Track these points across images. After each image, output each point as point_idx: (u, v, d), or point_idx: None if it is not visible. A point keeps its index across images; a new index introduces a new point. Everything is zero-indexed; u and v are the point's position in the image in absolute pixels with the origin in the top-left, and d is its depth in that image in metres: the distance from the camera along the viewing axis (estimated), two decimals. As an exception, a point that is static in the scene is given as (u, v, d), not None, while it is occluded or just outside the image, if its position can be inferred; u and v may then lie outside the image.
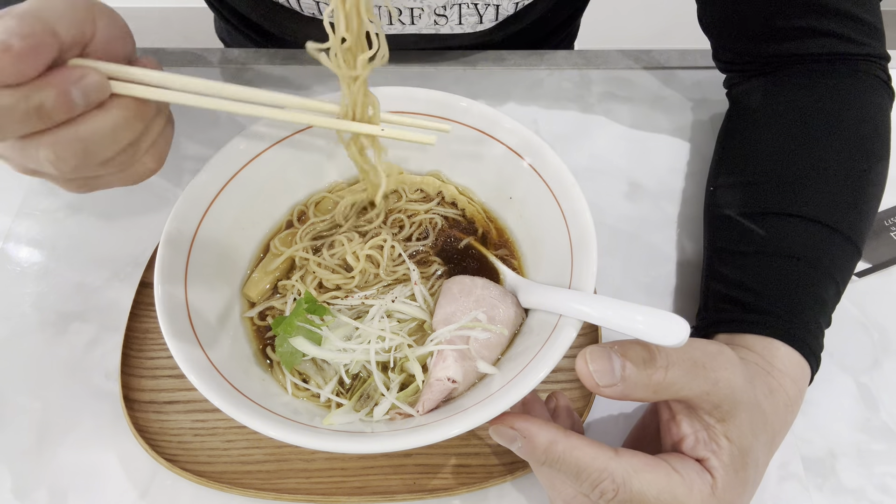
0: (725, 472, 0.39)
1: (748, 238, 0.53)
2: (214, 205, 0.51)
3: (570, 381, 0.53)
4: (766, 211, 0.54)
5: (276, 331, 0.48)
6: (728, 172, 0.60)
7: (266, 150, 0.54)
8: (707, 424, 0.40)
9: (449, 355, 0.46)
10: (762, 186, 0.55)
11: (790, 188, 0.54)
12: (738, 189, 0.57)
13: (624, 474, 0.38)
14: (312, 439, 0.40)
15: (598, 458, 0.38)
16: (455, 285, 0.51)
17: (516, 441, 0.40)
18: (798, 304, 0.49)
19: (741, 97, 0.64)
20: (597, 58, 0.77)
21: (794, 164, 0.55)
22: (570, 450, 0.38)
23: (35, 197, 0.65)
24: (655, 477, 0.38)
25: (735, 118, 0.64)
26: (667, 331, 0.39)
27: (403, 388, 0.47)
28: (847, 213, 0.53)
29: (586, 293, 0.45)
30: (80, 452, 0.51)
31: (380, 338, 0.48)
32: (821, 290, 0.50)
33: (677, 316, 0.38)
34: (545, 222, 0.52)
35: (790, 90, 0.60)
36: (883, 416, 0.54)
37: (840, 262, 0.52)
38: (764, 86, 0.61)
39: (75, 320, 0.57)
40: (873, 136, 0.56)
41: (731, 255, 0.54)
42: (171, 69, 0.74)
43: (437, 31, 0.74)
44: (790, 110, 0.58)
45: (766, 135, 0.58)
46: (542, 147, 0.52)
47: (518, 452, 0.40)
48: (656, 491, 0.38)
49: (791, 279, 0.50)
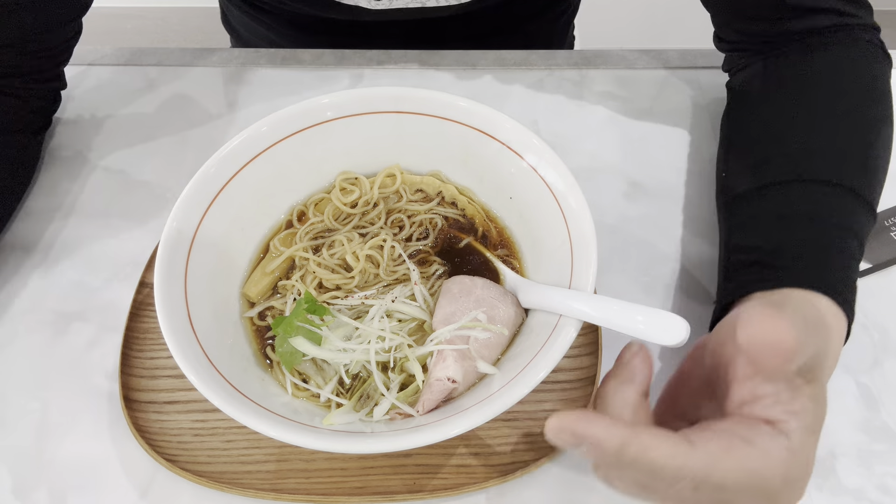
0: (803, 433, 0.36)
1: (763, 208, 0.53)
2: (214, 205, 0.51)
3: (569, 381, 0.53)
4: (777, 181, 0.53)
5: (275, 331, 0.48)
6: (736, 156, 0.60)
7: (266, 149, 0.54)
8: (794, 385, 0.37)
9: (449, 355, 0.46)
10: (771, 163, 0.55)
11: (798, 157, 0.54)
12: (747, 170, 0.57)
13: (702, 470, 0.34)
14: (312, 439, 0.40)
15: (675, 457, 0.34)
16: (455, 285, 0.51)
17: (581, 446, 0.36)
18: (826, 257, 0.48)
19: (742, 82, 0.65)
20: (597, 58, 0.77)
21: (799, 136, 0.55)
22: (644, 451, 0.34)
23: (35, 197, 0.65)
24: (733, 463, 0.35)
25: (737, 102, 0.64)
26: (667, 330, 0.38)
27: (403, 388, 0.47)
28: (858, 173, 0.52)
29: (586, 293, 0.45)
30: (80, 452, 0.51)
31: (380, 338, 0.48)
32: (844, 243, 0.49)
33: (677, 316, 0.38)
34: (545, 222, 0.52)
35: (789, 67, 0.60)
36: (883, 417, 0.54)
37: (858, 217, 0.51)
38: (764, 68, 0.62)
39: (75, 320, 0.57)
40: (876, 101, 0.57)
41: (749, 228, 0.53)
42: (171, 68, 0.75)
43: (424, 3, 0.74)
44: (791, 85, 0.59)
45: (770, 113, 0.59)
46: (542, 147, 0.52)
47: (582, 456, 0.36)
48: (734, 478, 0.35)
49: (814, 236, 0.49)
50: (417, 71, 0.75)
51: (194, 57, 0.76)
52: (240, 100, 0.72)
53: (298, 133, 0.54)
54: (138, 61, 0.75)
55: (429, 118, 0.55)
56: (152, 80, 0.74)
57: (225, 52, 0.76)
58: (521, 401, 0.41)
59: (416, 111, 0.55)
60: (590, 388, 0.52)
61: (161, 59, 0.75)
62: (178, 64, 0.75)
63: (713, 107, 0.73)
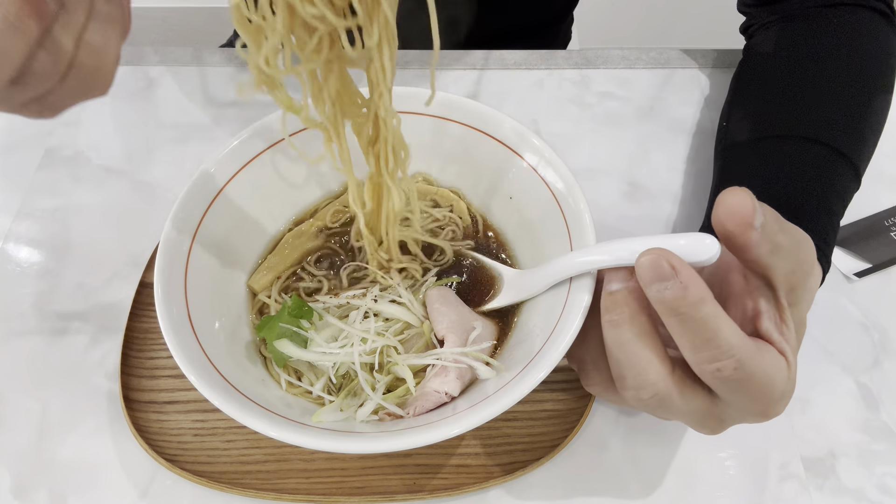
0: (793, 355, 0.39)
1: (757, 159, 0.56)
2: (214, 205, 0.51)
3: (569, 381, 0.53)
4: (770, 135, 0.57)
5: (260, 334, 0.48)
6: (740, 106, 0.64)
7: (266, 149, 0.54)
8: (780, 305, 0.38)
9: (452, 371, 0.46)
10: (769, 115, 0.59)
11: (795, 112, 0.57)
12: (747, 119, 0.61)
13: (747, 355, 0.36)
14: (313, 440, 0.40)
15: (734, 335, 0.35)
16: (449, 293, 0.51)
17: (668, 281, 0.35)
18: (807, 210, 0.51)
19: (756, 44, 0.68)
20: (597, 58, 0.77)
21: (802, 95, 0.58)
22: (715, 317, 0.35)
23: (35, 197, 0.65)
24: (768, 363, 0.37)
25: (749, 59, 0.68)
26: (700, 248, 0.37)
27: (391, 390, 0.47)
28: (851, 138, 0.56)
29: (592, 246, 0.45)
30: (80, 452, 0.51)
31: (363, 340, 0.47)
32: (825, 201, 0.52)
33: (701, 234, 0.37)
34: (545, 222, 0.52)
35: (803, 32, 0.64)
36: (883, 416, 0.54)
37: (844, 180, 0.54)
38: (778, 32, 0.66)
39: (75, 320, 0.57)
40: (877, 69, 0.60)
41: (735, 178, 0.56)
42: (171, 68, 0.75)
43: None
44: (802, 48, 0.62)
45: (778, 72, 0.62)
46: (542, 147, 0.52)
47: (658, 292, 0.35)
48: (762, 373, 0.36)
49: (798, 191, 0.52)
50: (417, 71, 0.75)
51: (194, 57, 0.76)
52: (240, 100, 0.72)
53: (299, 133, 0.54)
54: (138, 61, 0.75)
55: (429, 118, 0.55)
56: (152, 80, 0.74)
57: (225, 52, 0.76)
58: (521, 401, 0.41)
59: (417, 111, 0.55)
60: (590, 388, 0.52)
61: (161, 59, 0.75)
62: (178, 64, 0.75)
63: (713, 107, 0.73)
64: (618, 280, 0.39)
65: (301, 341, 0.47)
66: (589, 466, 0.51)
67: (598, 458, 0.51)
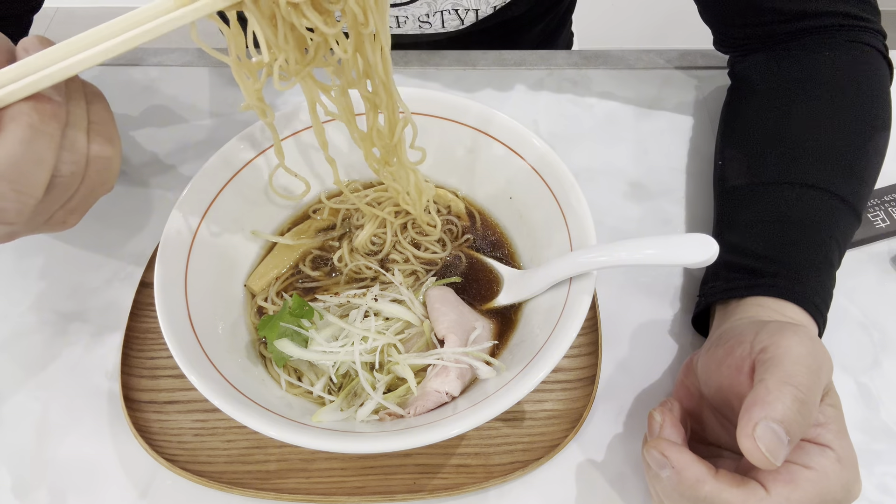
0: (841, 439, 0.39)
1: (753, 207, 0.55)
2: (214, 205, 0.51)
3: (569, 380, 0.53)
4: (770, 181, 0.55)
5: (260, 333, 0.48)
6: (733, 146, 0.61)
7: (266, 149, 0.54)
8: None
9: (453, 371, 0.46)
10: (765, 158, 0.57)
11: (791, 157, 0.55)
12: (742, 162, 0.59)
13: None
14: (313, 440, 0.40)
15: (747, 502, 0.37)
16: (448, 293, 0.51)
17: (665, 469, 0.40)
18: (803, 267, 0.50)
19: (742, 73, 0.66)
20: (597, 58, 0.77)
21: (794, 134, 0.56)
22: (718, 492, 0.38)
23: (35, 197, 0.65)
24: (802, 493, 0.38)
25: (737, 93, 0.66)
26: (690, 251, 0.38)
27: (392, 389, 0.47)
28: (847, 179, 0.54)
29: (592, 246, 0.45)
30: (80, 452, 0.51)
31: (364, 338, 0.47)
32: (824, 251, 0.51)
33: (698, 234, 0.37)
34: (545, 222, 0.52)
35: (789, 63, 0.61)
36: (883, 416, 0.54)
37: (841, 225, 0.53)
38: (765, 61, 0.63)
39: (75, 320, 0.57)
40: (873, 106, 0.58)
41: (738, 225, 0.55)
42: (171, 68, 0.75)
43: (421, 31, 0.76)
44: (790, 82, 0.60)
45: (767, 107, 0.60)
46: (542, 147, 0.52)
47: (663, 479, 0.40)
48: (799, 497, 0.37)
49: (795, 243, 0.52)
50: (417, 71, 0.75)
51: (194, 57, 0.76)
52: (240, 100, 0.72)
53: (299, 132, 0.54)
54: (139, 61, 0.75)
55: (429, 118, 0.55)
56: (153, 80, 0.74)
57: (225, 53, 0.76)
58: (521, 401, 0.41)
59: (417, 111, 0.55)
60: (589, 388, 0.52)
61: (161, 59, 0.75)
62: (178, 64, 0.75)
63: (713, 107, 0.73)
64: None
65: (302, 341, 0.47)
66: (589, 466, 0.51)
67: (598, 459, 0.51)
